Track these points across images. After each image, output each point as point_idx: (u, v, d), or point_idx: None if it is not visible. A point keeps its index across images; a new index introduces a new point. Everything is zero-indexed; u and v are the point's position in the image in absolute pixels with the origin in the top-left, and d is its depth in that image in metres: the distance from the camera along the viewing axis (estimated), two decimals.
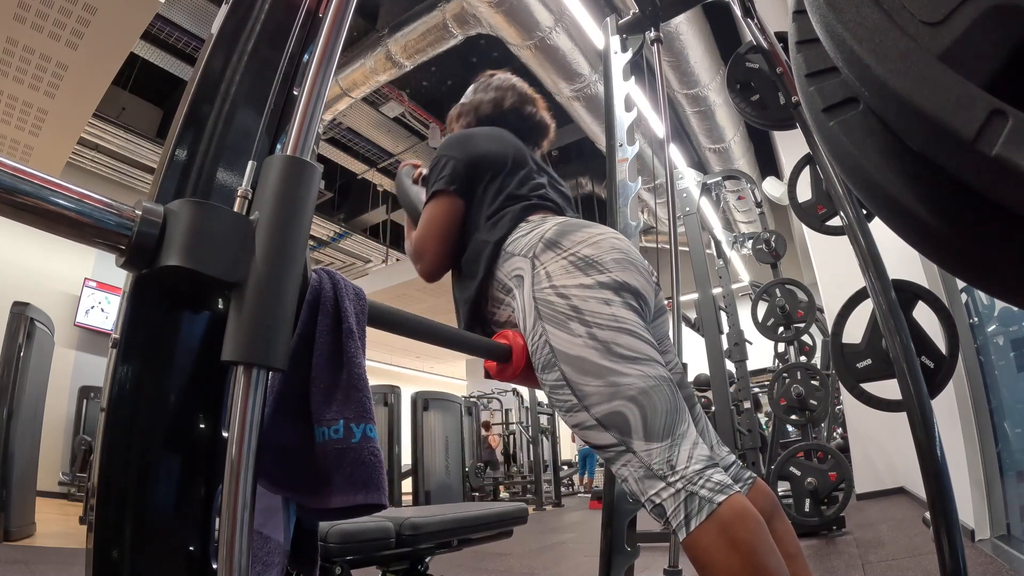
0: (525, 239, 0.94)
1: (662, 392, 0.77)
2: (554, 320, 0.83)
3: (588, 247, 0.88)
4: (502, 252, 0.97)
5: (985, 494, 2.18)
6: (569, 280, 0.85)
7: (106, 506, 0.45)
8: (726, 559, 0.66)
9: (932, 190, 0.44)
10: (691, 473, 0.71)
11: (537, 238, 0.92)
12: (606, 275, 0.85)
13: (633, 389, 0.77)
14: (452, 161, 1.05)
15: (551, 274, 0.87)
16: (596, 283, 0.85)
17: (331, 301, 0.58)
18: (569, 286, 0.84)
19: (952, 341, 1.22)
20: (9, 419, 3.06)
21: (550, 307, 0.84)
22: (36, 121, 4.03)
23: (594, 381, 0.78)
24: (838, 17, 0.42)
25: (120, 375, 0.47)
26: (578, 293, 0.84)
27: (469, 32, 4.67)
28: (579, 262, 0.87)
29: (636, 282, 0.88)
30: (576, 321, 0.82)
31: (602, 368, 0.78)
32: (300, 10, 0.65)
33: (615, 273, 0.86)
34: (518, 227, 0.98)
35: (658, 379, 0.79)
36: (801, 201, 1.59)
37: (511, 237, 0.97)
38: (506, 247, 0.97)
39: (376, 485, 0.55)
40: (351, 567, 0.98)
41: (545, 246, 0.90)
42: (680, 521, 0.69)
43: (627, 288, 0.86)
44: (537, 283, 0.87)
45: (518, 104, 1.24)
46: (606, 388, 0.77)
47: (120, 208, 0.44)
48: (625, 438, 0.75)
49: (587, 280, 0.85)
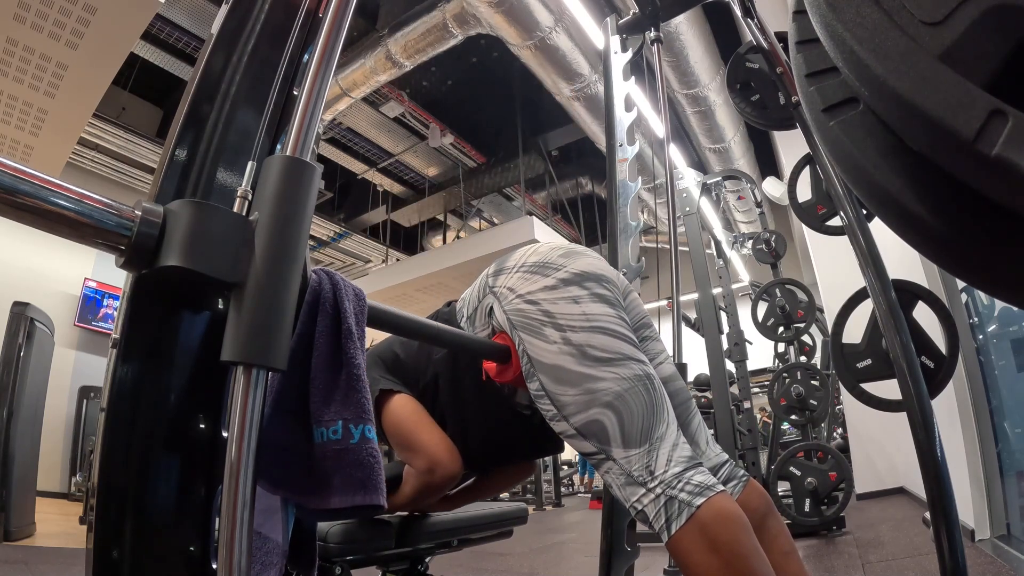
0: (471, 297, 0.96)
1: (637, 394, 0.77)
2: (529, 328, 0.83)
3: (531, 256, 0.90)
4: (463, 327, 0.95)
5: (985, 494, 2.18)
6: (533, 286, 0.86)
7: (106, 506, 0.45)
8: (707, 561, 0.66)
9: (932, 190, 0.44)
10: (670, 477, 0.71)
11: (481, 282, 0.94)
12: (562, 271, 0.86)
13: (609, 394, 0.77)
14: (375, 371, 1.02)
15: (514, 287, 0.87)
16: (558, 281, 0.85)
17: (331, 301, 0.58)
18: (535, 291, 0.85)
19: (952, 341, 1.22)
20: (9, 419, 3.06)
21: (523, 315, 0.84)
22: (36, 121, 4.02)
23: (571, 390, 0.78)
24: (838, 17, 0.42)
25: (120, 375, 0.47)
26: (546, 296, 0.84)
27: (469, 32, 4.67)
28: (532, 269, 0.88)
29: (591, 267, 0.88)
30: (550, 326, 0.82)
31: (578, 375, 0.78)
32: (300, 10, 0.65)
33: (569, 266, 0.87)
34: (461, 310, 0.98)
35: (633, 380, 0.78)
36: (801, 201, 1.59)
37: (462, 313, 0.97)
38: (462, 323, 0.96)
39: (374, 486, 0.55)
40: (351, 567, 0.98)
41: (493, 276, 0.92)
42: (662, 525, 0.70)
43: (588, 276, 0.86)
44: (505, 301, 0.87)
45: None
46: (583, 396, 0.77)
47: (120, 208, 0.44)
48: (604, 446, 0.76)
49: (549, 281, 0.85)
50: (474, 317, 0.95)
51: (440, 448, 0.93)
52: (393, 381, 0.99)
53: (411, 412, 0.96)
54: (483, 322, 0.93)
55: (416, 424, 0.95)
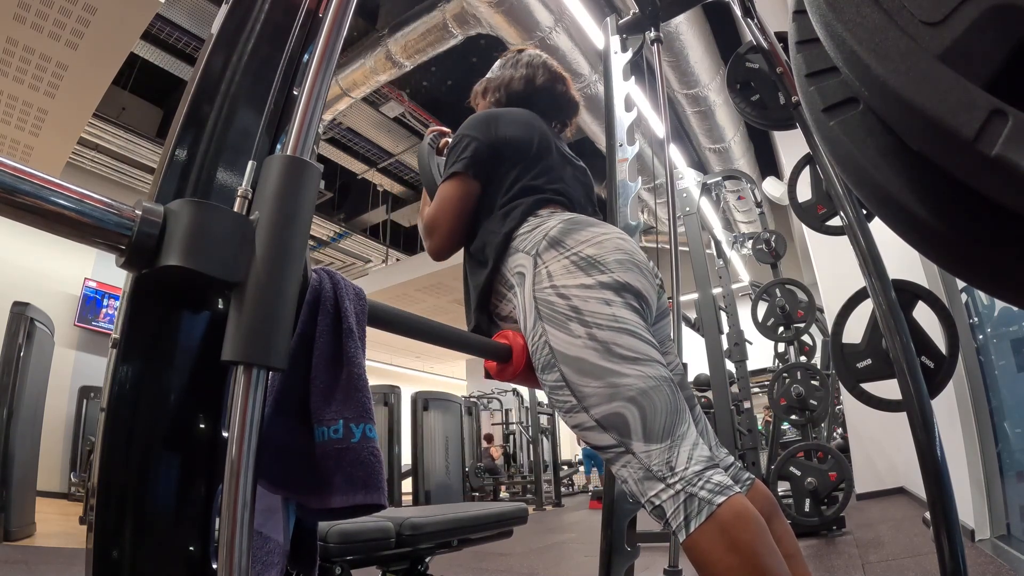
0: (530, 236, 0.94)
1: (662, 392, 0.77)
2: (554, 320, 0.83)
3: (591, 247, 0.88)
4: (509, 246, 0.97)
5: (985, 494, 2.18)
6: (570, 280, 0.85)
7: (106, 506, 0.45)
8: (726, 560, 0.66)
9: (932, 190, 0.44)
10: (690, 475, 0.71)
11: (541, 235, 0.92)
12: (608, 275, 0.85)
13: (633, 390, 0.77)
14: (474, 143, 1.03)
15: (552, 273, 0.86)
16: (597, 283, 0.84)
17: (331, 301, 0.58)
18: (570, 286, 0.84)
19: (952, 341, 1.22)
20: (9, 419, 3.06)
21: (550, 307, 0.84)
22: (36, 121, 4.02)
23: (593, 382, 0.78)
24: (838, 17, 0.42)
25: (120, 375, 0.47)
26: (579, 293, 0.83)
27: (469, 32, 4.67)
28: (581, 262, 0.86)
29: (638, 283, 0.87)
30: (576, 322, 0.81)
31: (601, 369, 0.78)
32: (300, 10, 0.65)
33: (617, 274, 0.86)
34: (527, 221, 0.98)
35: (658, 379, 0.78)
36: (801, 201, 1.59)
37: (519, 231, 0.97)
38: (513, 241, 0.97)
39: (375, 485, 0.55)
40: (351, 567, 0.98)
41: (548, 244, 0.90)
42: (680, 522, 0.69)
43: (628, 289, 0.86)
44: (538, 282, 0.87)
45: (549, 82, 1.22)
46: (605, 389, 0.77)
47: (120, 208, 0.44)
48: (624, 439, 0.75)
49: (588, 280, 0.84)
50: (517, 248, 0.95)
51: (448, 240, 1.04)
52: (478, 165, 1.03)
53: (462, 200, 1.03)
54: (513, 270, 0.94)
55: (458, 213, 1.03)
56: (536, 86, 1.20)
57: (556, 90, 1.22)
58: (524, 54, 1.26)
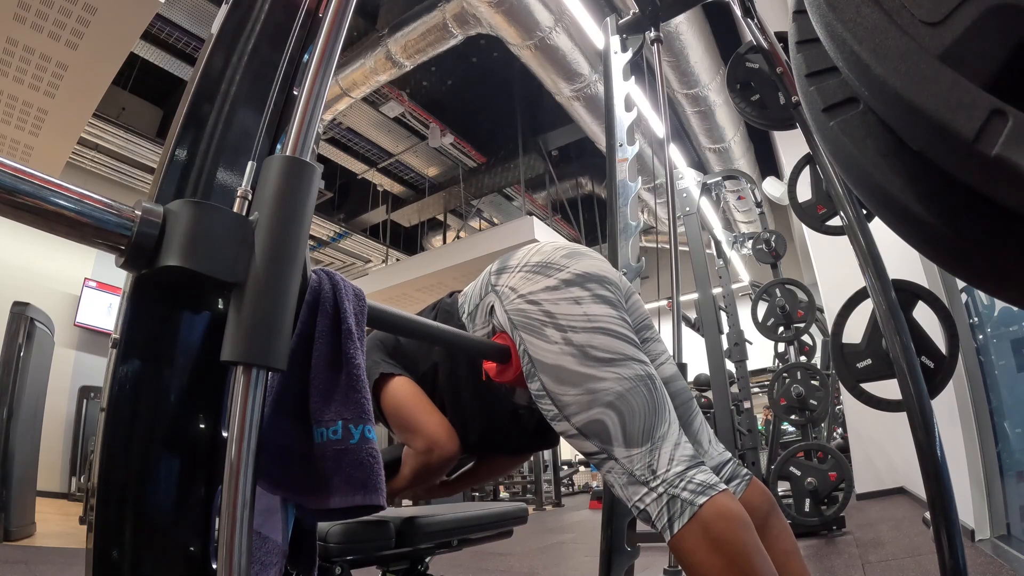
0: (472, 292, 0.96)
1: (639, 394, 0.77)
2: (530, 328, 0.83)
3: (534, 256, 0.90)
4: (464, 322, 0.96)
5: (985, 494, 2.18)
6: (534, 286, 0.86)
7: (106, 506, 0.45)
8: (709, 560, 0.66)
9: (932, 190, 0.44)
10: (672, 476, 0.71)
11: (483, 279, 0.94)
12: (565, 271, 0.86)
13: (610, 394, 0.77)
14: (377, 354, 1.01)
15: (515, 287, 0.87)
16: (560, 282, 0.85)
17: (331, 301, 0.58)
18: (536, 291, 0.85)
19: (952, 341, 1.22)
20: (9, 419, 3.06)
21: (524, 315, 0.84)
22: (36, 121, 4.02)
23: (572, 390, 0.78)
24: (838, 17, 0.42)
25: (120, 375, 0.47)
26: (547, 297, 0.84)
27: (469, 32, 4.67)
28: (535, 268, 0.88)
29: (594, 268, 0.88)
30: (551, 327, 0.82)
31: (579, 375, 0.78)
32: (300, 10, 0.65)
33: (572, 267, 0.87)
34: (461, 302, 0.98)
35: (634, 379, 0.78)
36: (801, 201, 1.59)
37: (464, 308, 0.97)
38: (463, 318, 0.96)
39: (374, 486, 0.55)
40: (351, 567, 0.98)
41: (496, 274, 0.92)
42: (664, 524, 0.70)
43: (590, 278, 0.86)
44: (506, 300, 0.88)
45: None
46: (584, 396, 0.77)
47: (120, 208, 0.44)
48: (606, 446, 0.76)
49: (551, 282, 0.85)
50: (475, 314, 0.95)
51: (439, 428, 0.93)
52: (393, 365, 0.99)
53: (411, 394, 0.96)
54: (483, 320, 0.93)
55: (416, 405, 0.95)
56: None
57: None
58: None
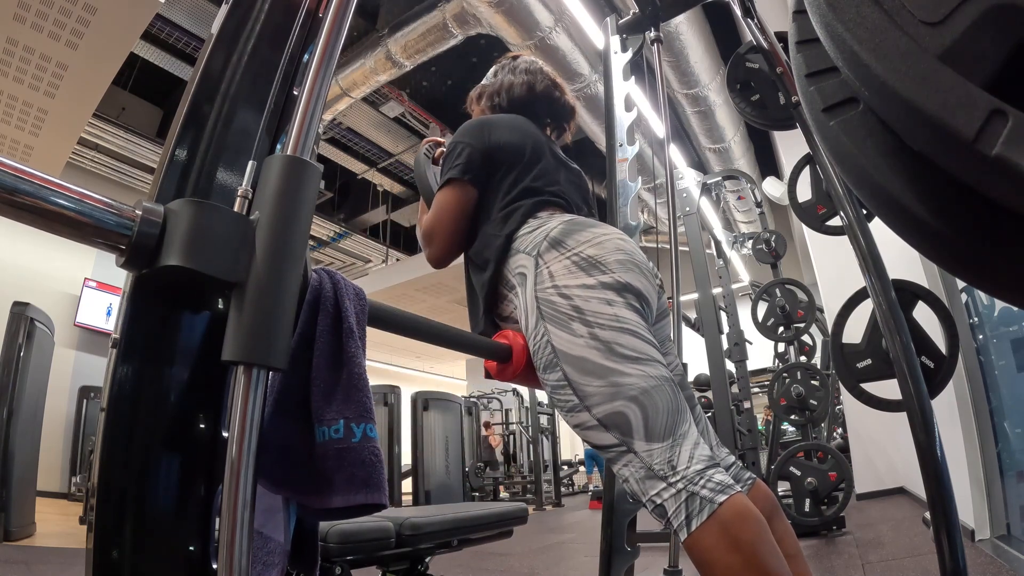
0: (531, 237, 0.94)
1: (663, 392, 0.77)
2: (556, 320, 0.83)
3: (592, 247, 0.88)
4: (510, 248, 0.97)
5: (985, 494, 2.18)
6: (571, 280, 0.85)
7: (106, 506, 0.45)
8: (727, 559, 0.66)
9: (932, 190, 0.44)
10: (692, 473, 0.71)
11: (542, 236, 0.92)
12: (609, 275, 0.85)
13: (635, 389, 0.77)
14: (468, 149, 1.04)
15: (554, 274, 0.87)
16: (599, 283, 0.84)
17: (331, 301, 0.58)
18: (571, 286, 0.84)
19: (952, 341, 1.22)
20: (9, 419, 3.06)
21: (552, 307, 0.84)
22: (36, 121, 4.02)
23: (596, 381, 0.78)
24: (838, 17, 0.42)
25: (120, 375, 0.47)
26: (580, 293, 0.84)
27: (469, 32, 4.67)
28: (582, 262, 0.86)
29: (639, 284, 0.88)
30: (578, 321, 0.82)
31: (604, 368, 0.78)
32: (300, 10, 0.65)
33: (618, 274, 0.86)
34: (527, 223, 0.98)
35: (660, 379, 0.79)
36: (801, 201, 1.59)
37: (519, 233, 0.97)
38: (514, 242, 0.97)
39: (376, 485, 0.55)
40: (351, 567, 0.98)
41: (549, 245, 0.90)
42: (681, 521, 0.69)
43: (629, 289, 0.86)
44: (540, 283, 0.87)
45: (549, 88, 1.23)
46: (608, 388, 0.77)
47: (120, 208, 0.44)
48: (626, 438, 0.75)
49: (590, 280, 0.85)
50: (513, 254, 0.96)
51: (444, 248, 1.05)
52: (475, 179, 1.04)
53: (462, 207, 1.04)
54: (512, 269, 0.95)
55: (458, 219, 1.04)
56: (537, 92, 1.22)
57: (554, 96, 1.24)
58: (520, 60, 1.27)
